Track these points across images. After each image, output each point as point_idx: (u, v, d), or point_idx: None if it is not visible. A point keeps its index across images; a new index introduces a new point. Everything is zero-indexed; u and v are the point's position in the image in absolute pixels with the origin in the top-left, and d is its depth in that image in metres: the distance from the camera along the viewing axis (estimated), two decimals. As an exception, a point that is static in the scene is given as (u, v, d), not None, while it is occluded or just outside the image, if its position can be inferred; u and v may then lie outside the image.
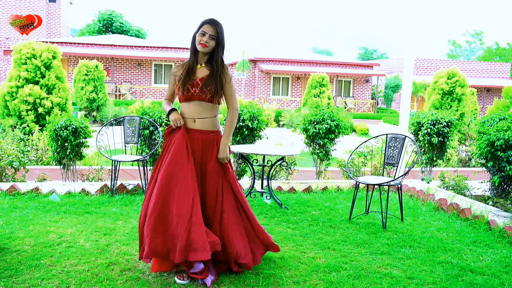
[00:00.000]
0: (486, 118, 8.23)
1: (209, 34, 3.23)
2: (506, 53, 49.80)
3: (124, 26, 36.95)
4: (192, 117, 3.32)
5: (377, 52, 56.93)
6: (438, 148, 8.13)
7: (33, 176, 7.45)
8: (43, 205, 5.08)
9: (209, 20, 3.27)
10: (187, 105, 3.33)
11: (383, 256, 3.90)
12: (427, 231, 4.65)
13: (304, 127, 7.79)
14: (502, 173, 5.82)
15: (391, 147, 5.11)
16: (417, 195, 6.11)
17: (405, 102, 6.61)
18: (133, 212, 4.98)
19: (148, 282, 3.22)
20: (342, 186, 6.54)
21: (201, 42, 3.23)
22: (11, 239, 3.96)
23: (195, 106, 3.30)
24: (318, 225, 4.71)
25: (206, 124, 3.34)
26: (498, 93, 31.34)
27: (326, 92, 23.28)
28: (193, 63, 3.33)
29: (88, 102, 19.30)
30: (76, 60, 24.99)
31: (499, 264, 3.80)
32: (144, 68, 26.59)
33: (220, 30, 3.26)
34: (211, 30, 3.23)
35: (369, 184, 4.86)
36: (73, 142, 6.92)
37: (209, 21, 3.25)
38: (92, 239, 4.06)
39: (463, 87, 14.78)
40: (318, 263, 3.67)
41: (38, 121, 10.66)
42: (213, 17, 3.30)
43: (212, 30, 3.23)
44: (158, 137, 6.67)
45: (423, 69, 31.70)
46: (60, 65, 11.10)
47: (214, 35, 3.24)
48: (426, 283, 3.38)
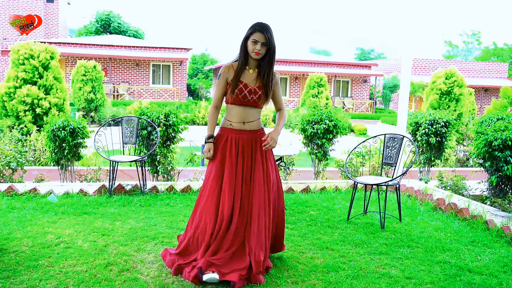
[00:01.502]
0: (484, 118, 8.23)
1: (261, 42, 3.29)
2: (503, 53, 49.88)
3: (122, 27, 36.90)
4: (242, 120, 3.43)
5: (374, 52, 56.96)
6: (436, 148, 8.14)
7: (31, 176, 7.44)
8: (41, 206, 5.07)
9: (260, 27, 3.29)
10: (239, 108, 3.41)
11: (381, 256, 3.90)
12: (425, 231, 4.66)
13: (302, 127, 7.79)
14: (500, 173, 5.83)
15: (389, 147, 5.12)
16: (415, 195, 6.12)
17: (403, 102, 6.61)
18: (131, 213, 4.97)
19: (146, 282, 3.22)
20: (340, 186, 6.55)
21: (254, 50, 3.31)
22: (9, 240, 3.96)
23: (246, 110, 3.42)
24: (316, 225, 4.71)
25: (254, 125, 3.48)
26: (496, 93, 31.42)
27: (324, 92, 23.30)
28: (243, 66, 3.39)
29: (86, 102, 19.28)
30: (74, 61, 24.97)
31: (497, 263, 3.81)
32: (142, 68, 26.57)
33: (271, 35, 3.31)
34: (263, 38, 3.29)
35: (367, 184, 4.86)
36: (71, 142, 6.91)
37: (260, 29, 3.29)
38: (90, 239, 4.05)
39: (461, 87, 14.81)
40: (317, 263, 3.67)
41: (36, 122, 10.64)
42: (261, 22, 3.33)
43: (264, 37, 3.29)
44: (156, 137, 6.66)
45: (421, 69, 31.75)
46: (58, 66, 11.08)
47: (266, 42, 3.30)
48: (424, 283, 3.38)
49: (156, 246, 3.95)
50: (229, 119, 3.45)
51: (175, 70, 27.20)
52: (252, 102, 3.38)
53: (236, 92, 3.35)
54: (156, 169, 7.19)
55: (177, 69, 27.22)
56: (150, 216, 4.86)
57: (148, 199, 5.59)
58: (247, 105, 3.40)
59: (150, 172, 7.20)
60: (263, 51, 3.32)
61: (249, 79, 3.39)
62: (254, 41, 3.29)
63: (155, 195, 5.80)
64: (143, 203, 5.39)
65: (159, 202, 5.49)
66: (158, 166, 7.16)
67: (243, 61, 3.38)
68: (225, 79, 3.42)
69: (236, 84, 3.36)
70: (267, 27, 3.30)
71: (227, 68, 3.42)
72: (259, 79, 3.40)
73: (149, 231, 4.35)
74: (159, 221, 4.69)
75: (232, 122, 3.43)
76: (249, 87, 3.36)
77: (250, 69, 3.41)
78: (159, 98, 26.53)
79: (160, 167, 7.15)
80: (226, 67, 3.43)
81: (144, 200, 5.55)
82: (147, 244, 3.99)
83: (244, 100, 3.37)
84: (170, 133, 7.03)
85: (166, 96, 26.75)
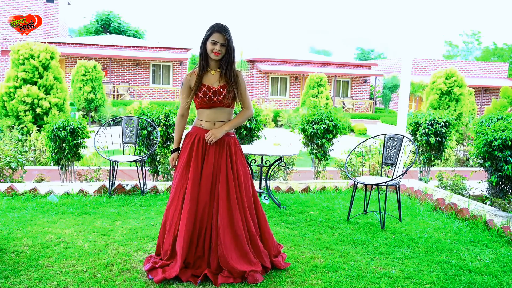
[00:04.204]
0: (484, 118, 8.25)
1: (220, 43, 3.31)
2: (503, 53, 49.89)
3: (122, 27, 36.91)
4: (213, 120, 3.44)
5: (374, 52, 56.99)
6: (436, 148, 8.14)
7: (31, 176, 7.45)
8: (41, 206, 5.07)
9: (218, 28, 3.32)
10: (207, 111, 3.43)
11: (381, 256, 3.90)
12: (425, 231, 4.66)
13: (302, 127, 7.79)
14: (500, 172, 5.84)
15: (389, 147, 5.12)
16: (415, 195, 6.12)
17: (403, 102, 6.61)
18: (131, 213, 4.98)
19: (146, 282, 3.22)
20: (340, 186, 6.55)
21: (213, 51, 3.32)
22: (9, 240, 3.96)
23: (215, 111, 3.43)
24: (316, 225, 4.71)
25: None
26: (496, 93, 31.42)
27: (324, 92, 23.29)
28: (204, 69, 3.41)
29: (86, 102, 19.28)
30: (74, 61, 24.96)
31: (497, 263, 3.81)
32: (142, 68, 26.56)
33: (229, 36, 3.34)
34: (221, 38, 3.31)
35: (367, 184, 4.87)
36: (71, 142, 6.91)
37: (218, 29, 3.31)
38: (90, 239, 4.05)
39: (461, 87, 14.80)
40: (317, 263, 3.67)
41: (36, 122, 10.64)
42: (219, 23, 3.36)
43: (223, 38, 3.31)
44: (156, 137, 6.66)
45: (421, 69, 31.75)
46: (58, 66, 11.08)
47: (224, 42, 3.32)
48: (424, 283, 3.38)
49: (156, 246, 3.94)
50: (200, 119, 3.49)
51: (175, 70, 27.20)
52: (218, 102, 3.39)
53: (200, 95, 3.36)
54: (156, 169, 7.19)
55: (177, 69, 27.22)
56: (150, 216, 4.87)
57: (148, 199, 5.59)
58: (215, 106, 3.41)
59: (150, 172, 7.21)
60: (223, 51, 3.34)
61: (211, 80, 3.40)
62: (213, 42, 3.31)
63: (155, 195, 5.81)
64: (143, 203, 5.39)
65: (159, 202, 5.49)
66: (158, 166, 7.17)
67: (203, 64, 3.40)
68: (188, 86, 3.44)
69: (199, 87, 3.37)
70: (225, 27, 3.34)
71: (189, 75, 3.45)
72: (222, 79, 3.41)
73: (149, 231, 4.35)
74: (159, 221, 4.69)
75: (202, 122, 3.47)
76: (212, 88, 3.37)
77: (211, 70, 3.43)
78: (159, 98, 26.53)
79: (160, 167, 7.16)
80: (188, 75, 3.46)
81: (144, 200, 5.56)
82: (147, 244, 3.99)
83: (210, 102, 3.38)
84: (170, 133, 7.04)
85: (166, 96, 26.75)
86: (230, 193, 3.37)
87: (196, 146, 3.41)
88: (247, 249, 3.34)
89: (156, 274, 3.26)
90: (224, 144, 3.44)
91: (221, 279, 3.24)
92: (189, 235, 3.28)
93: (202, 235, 3.34)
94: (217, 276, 3.26)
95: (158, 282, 3.19)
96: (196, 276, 3.28)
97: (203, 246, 3.35)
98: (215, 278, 3.25)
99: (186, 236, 3.26)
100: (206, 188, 3.35)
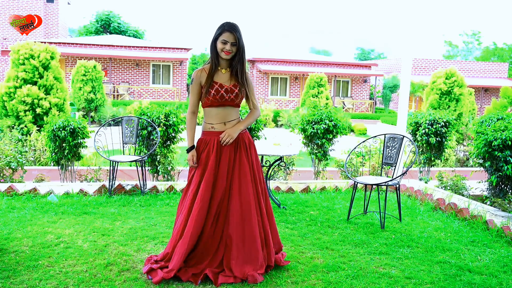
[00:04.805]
0: (484, 118, 8.24)
1: (231, 42, 3.30)
2: (504, 53, 49.89)
3: (122, 27, 36.90)
4: (223, 120, 3.42)
5: (374, 52, 56.98)
6: (436, 148, 8.14)
7: (31, 176, 7.45)
8: (41, 206, 5.07)
9: (228, 27, 3.30)
10: (216, 109, 3.40)
11: (381, 256, 3.90)
12: (425, 231, 4.66)
13: (302, 127, 7.79)
14: (500, 172, 5.84)
15: (389, 147, 5.12)
16: (415, 195, 6.12)
17: (403, 102, 6.61)
18: (131, 213, 4.98)
19: (146, 282, 3.22)
20: (340, 186, 6.55)
21: (224, 50, 3.31)
22: (9, 240, 3.96)
23: (225, 110, 3.41)
24: (316, 225, 4.72)
25: (235, 124, 3.46)
26: (496, 93, 31.41)
27: (324, 92, 23.28)
28: (216, 67, 3.39)
29: (86, 102, 19.28)
30: (74, 61, 24.96)
31: (497, 263, 3.81)
32: (142, 68, 26.56)
33: (240, 35, 3.32)
34: (232, 38, 3.29)
35: (367, 184, 4.86)
36: (71, 142, 6.91)
37: (228, 28, 3.29)
38: (90, 239, 4.05)
39: (461, 87, 14.80)
40: (317, 263, 3.67)
41: (36, 122, 10.64)
42: (229, 22, 3.33)
43: (233, 37, 3.29)
44: (156, 137, 6.66)
45: (421, 69, 31.74)
46: (58, 66, 11.07)
47: (235, 41, 3.31)
48: (424, 283, 3.38)
49: (156, 246, 3.95)
50: (209, 122, 3.43)
51: (175, 70, 27.19)
52: (230, 101, 3.38)
53: (212, 93, 3.34)
54: (156, 169, 7.19)
55: (177, 69, 27.22)
56: (150, 216, 4.87)
57: (148, 199, 5.59)
58: (226, 104, 3.39)
59: (150, 172, 7.21)
60: (234, 50, 3.33)
61: (223, 79, 3.39)
62: (223, 41, 3.30)
63: (155, 195, 5.81)
64: (143, 203, 5.39)
65: (159, 202, 5.49)
66: (158, 166, 7.17)
67: (215, 62, 3.38)
68: (199, 83, 3.41)
69: (211, 85, 3.35)
70: (235, 27, 3.32)
71: (199, 72, 3.41)
72: (233, 78, 3.40)
73: (149, 231, 4.35)
74: (159, 221, 4.69)
75: (213, 124, 3.42)
76: (224, 86, 3.36)
77: (222, 69, 3.41)
78: (159, 98, 26.53)
79: (160, 167, 7.16)
80: (198, 71, 3.42)
81: (144, 200, 5.56)
82: (147, 244, 3.99)
83: (222, 100, 3.36)
84: (170, 133, 7.03)
85: (166, 96, 26.75)
86: (248, 189, 3.35)
87: (213, 153, 3.37)
88: (258, 248, 3.33)
89: (155, 275, 3.26)
90: (239, 140, 3.44)
91: (222, 278, 3.24)
92: (194, 241, 3.28)
93: (211, 233, 3.34)
94: (217, 276, 3.26)
95: (157, 283, 3.19)
96: (196, 275, 3.27)
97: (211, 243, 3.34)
98: (216, 277, 3.25)
99: (190, 241, 3.26)
100: (221, 187, 3.34)
